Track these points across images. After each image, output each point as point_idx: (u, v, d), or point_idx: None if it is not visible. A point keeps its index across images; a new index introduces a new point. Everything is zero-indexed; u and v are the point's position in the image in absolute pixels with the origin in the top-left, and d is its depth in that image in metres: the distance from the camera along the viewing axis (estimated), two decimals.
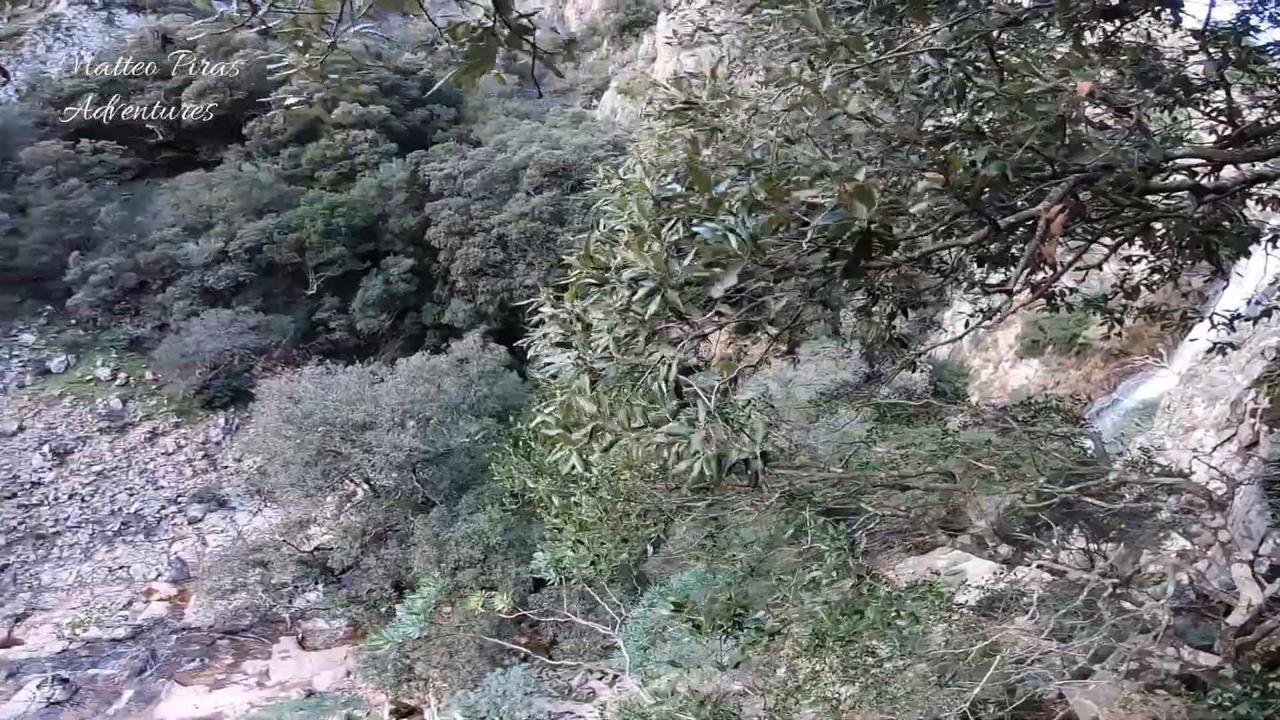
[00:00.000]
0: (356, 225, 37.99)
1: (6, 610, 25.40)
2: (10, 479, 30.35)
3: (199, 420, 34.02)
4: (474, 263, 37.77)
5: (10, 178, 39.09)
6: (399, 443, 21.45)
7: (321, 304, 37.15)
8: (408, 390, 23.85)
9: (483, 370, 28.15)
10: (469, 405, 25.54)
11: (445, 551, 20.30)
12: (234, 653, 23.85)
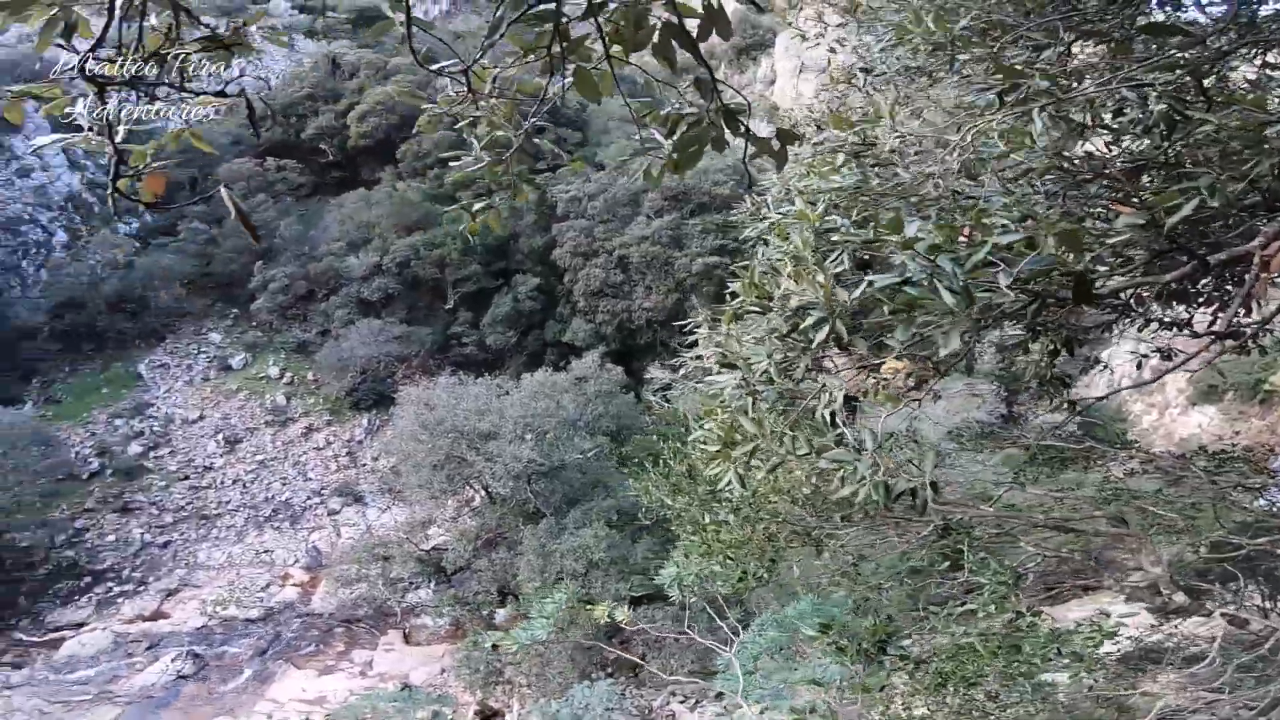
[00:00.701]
0: (490, 244, 39.63)
1: (162, 584, 27.93)
2: (186, 462, 33.86)
3: (347, 420, 36.55)
4: (595, 284, 38.43)
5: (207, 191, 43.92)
6: (518, 454, 22.01)
7: (457, 318, 38.96)
8: (530, 404, 24.41)
9: (600, 389, 28.49)
10: (585, 422, 25.84)
11: (550, 562, 20.53)
12: (346, 641, 24.81)
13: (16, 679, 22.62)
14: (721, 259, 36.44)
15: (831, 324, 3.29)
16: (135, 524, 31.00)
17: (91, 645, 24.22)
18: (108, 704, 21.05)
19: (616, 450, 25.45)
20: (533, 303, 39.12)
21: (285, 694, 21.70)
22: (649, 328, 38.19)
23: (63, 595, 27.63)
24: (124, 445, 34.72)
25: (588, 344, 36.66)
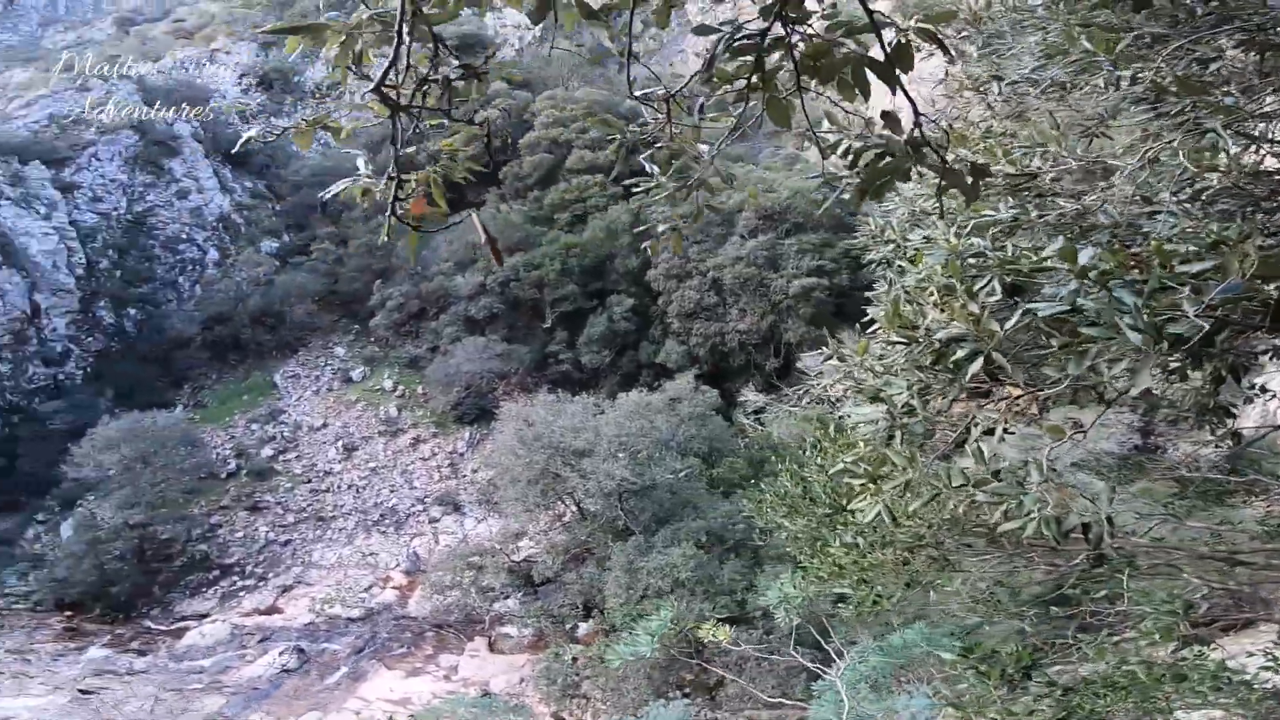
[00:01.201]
0: (587, 265, 40.07)
1: (280, 580, 29.65)
2: (309, 466, 36.00)
3: (450, 432, 37.76)
4: (689, 305, 38.01)
5: (337, 213, 46.95)
6: (611, 471, 22.06)
7: (554, 337, 39.56)
8: (624, 424, 24.46)
9: (693, 411, 28.20)
10: (677, 443, 25.66)
11: (636, 579, 20.36)
12: (435, 645, 25.24)
13: (140, 665, 24.46)
14: (819, 280, 35.21)
15: (986, 356, 3.19)
16: (262, 522, 33.19)
17: (211, 636, 25.90)
18: (216, 694, 22.31)
19: (707, 472, 25.18)
20: (627, 323, 39.17)
21: (374, 693, 22.25)
22: (742, 350, 37.36)
23: (192, 587, 29.81)
24: (258, 448, 37.36)
25: (680, 365, 36.25)
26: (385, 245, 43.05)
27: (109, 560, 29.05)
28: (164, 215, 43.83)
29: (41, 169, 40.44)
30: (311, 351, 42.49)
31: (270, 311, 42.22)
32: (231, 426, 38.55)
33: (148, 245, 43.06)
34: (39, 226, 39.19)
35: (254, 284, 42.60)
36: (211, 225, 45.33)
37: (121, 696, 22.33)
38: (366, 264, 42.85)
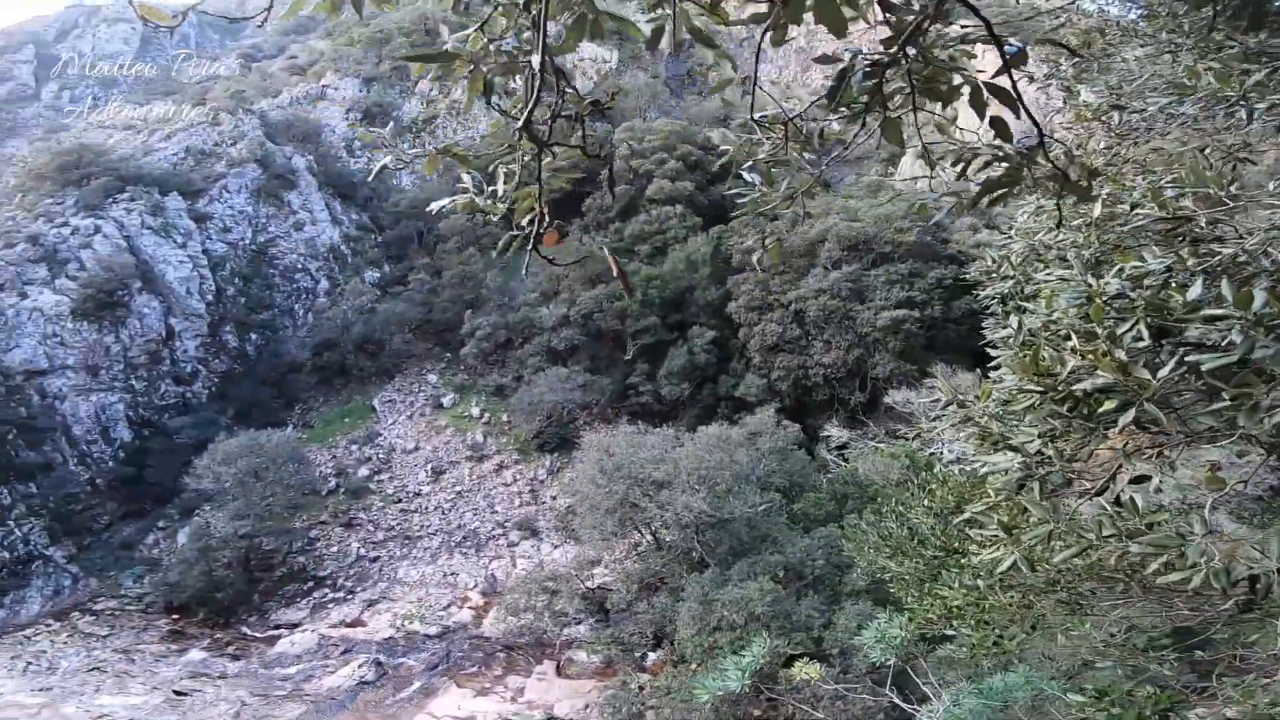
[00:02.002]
0: (668, 297, 39.66)
1: (366, 595, 30.13)
2: (401, 487, 36.78)
3: (532, 460, 37.82)
4: (770, 338, 36.90)
5: (432, 245, 48.63)
6: (690, 504, 21.78)
7: (635, 369, 39.18)
8: (704, 457, 24.11)
9: (774, 446, 27.46)
10: (757, 477, 25.07)
11: (710, 612, 19.88)
12: (505, 666, 25.03)
13: (232, 670, 25.15)
14: (909, 312, 33.45)
15: (1139, 408, 3.04)
16: (355, 538, 33.99)
17: (299, 645, 26.42)
18: (297, 701, 22.58)
19: (788, 506, 24.49)
20: (707, 356, 38.38)
21: (442, 709, 22.15)
22: (826, 384, 35.82)
23: (288, 597, 30.67)
24: (356, 468, 38.56)
25: (760, 399, 35.05)
26: (476, 277, 44.29)
27: (217, 567, 30.33)
28: (283, 245, 46.65)
29: (179, 200, 43.79)
30: (407, 378, 43.82)
31: (372, 339, 43.93)
32: (334, 447, 40.00)
33: (269, 274, 45.86)
34: (176, 255, 42.38)
35: (358, 312, 44.52)
36: (323, 255, 47.90)
37: (211, 699, 22.94)
38: (458, 295, 44.05)
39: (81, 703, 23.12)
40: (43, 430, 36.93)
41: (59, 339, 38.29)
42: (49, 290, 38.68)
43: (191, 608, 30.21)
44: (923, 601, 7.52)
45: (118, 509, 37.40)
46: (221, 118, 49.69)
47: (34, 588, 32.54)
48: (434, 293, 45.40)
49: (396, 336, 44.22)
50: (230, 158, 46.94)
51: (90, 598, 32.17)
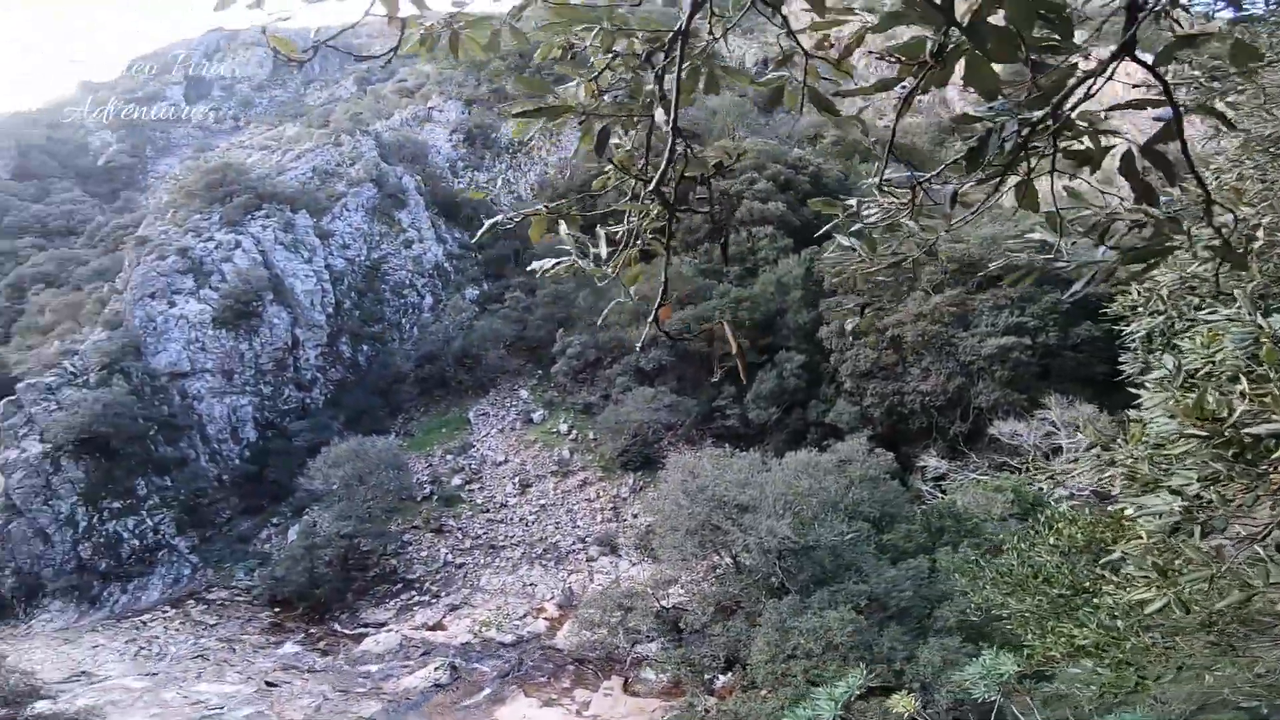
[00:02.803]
0: (757, 319, 38.42)
1: (449, 599, 30.35)
2: (489, 498, 37.16)
3: (615, 478, 37.34)
4: (864, 364, 34.91)
5: (527, 263, 49.67)
6: (774, 529, 21.15)
7: (722, 392, 38.12)
8: (792, 482, 23.44)
9: (865, 474, 26.23)
10: (845, 505, 23.99)
11: (786, 639, 19.05)
12: (573, 679, 24.61)
13: (320, 664, 25.78)
14: (1019, 339, 30.72)
15: None
16: (443, 545, 34.51)
17: (383, 645, 26.86)
18: (374, 699, 22.79)
19: (876, 536, 23.31)
20: (797, 380, 36.77)
21: (508, 717, 22.02)
22: (924, 412, 33.39)
23: (377, 597, 31.38)
24: (449, 477, 39.38)
25: (851, 426, 33.12)
26: (568, 297, 44.68)
27: (319, 565, 31.48)
28: (394, 262, 49.00)
29: (306, 217, 46.83)
30: (501, 392, 44.61)
31: (470, 354, 45.13)
32: (431, 455, 41.07)
33: (380, 289, 48.23)
34: (303, 269, 45.28)
35: (458, 328, 45.92)
36: (429, 273, 49.96)
37: (297, 692, 23.54)
38: (551, 313, 44.58)
39: (181, 689, 24.28)
40: (181, 428, 39.89)
41: (200, 344, 41.39)
42: (194, 300, 41.99)
43: (292, 602, 31.44)
44: (1044, 639, 7.33)
45: (239, 504, 39.71)
46: (342, 139, 53.13)
47: (157, 575, 34.88)
48: (528, 311, 46.18)
49: (492, 352, 45.19)
50: (350, 177, 49.89)
51: (206, 587, 34.14)
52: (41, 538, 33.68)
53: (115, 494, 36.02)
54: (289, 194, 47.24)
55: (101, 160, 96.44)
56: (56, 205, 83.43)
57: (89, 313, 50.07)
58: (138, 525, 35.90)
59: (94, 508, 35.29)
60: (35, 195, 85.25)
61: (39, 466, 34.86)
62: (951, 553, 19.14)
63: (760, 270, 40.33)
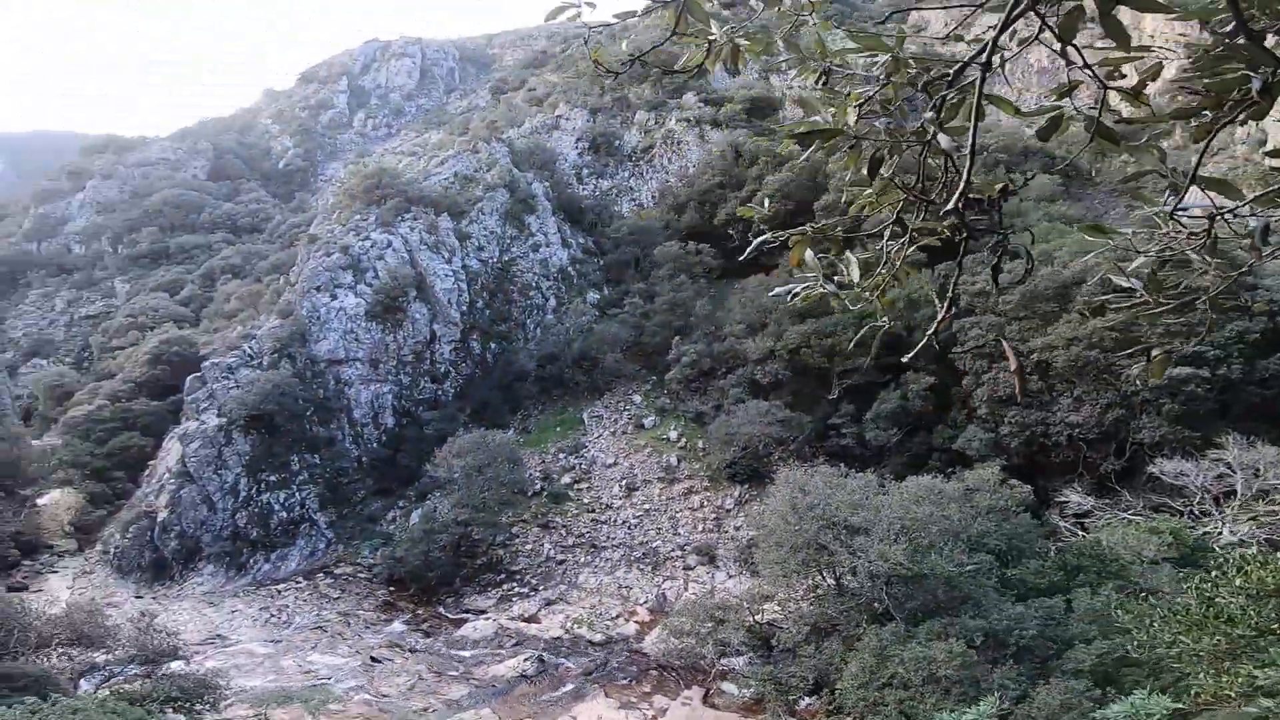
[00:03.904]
0: (883, 337, 36.04)
1: (546, 594, 30.72)
2: (595, 498, 37.52)
3: (721, 488, 36.44)
4: (1003, 389, 31.74)
5: (647, 270, 49.93)
6: (886, 554, 20.37)
7: (839, 409, 36.16)
8: (910, 508, 22.46)
9: (993, 505, 24.50)
10: (968, 536, 22.54)
11: (884, 667, 18.29)
12: (654, 684, 24.13)
13: (420, 645, 26.89)
14: (1195, 370, 26.72)
15: None
16: (548, 540, 35.23)
17: (480, 632, 27.63)
18: (463, 683, 23.39)
19: (1001, 571, 21.91)
20: (923, 403, 34.16)
21: (585, 716, 21.92)
22: (1070, 445, 29.83)
23: (481, 585, 32.42)
24: (560, 475, 40.26)
25: (982, 454, 30.23)
26: (686, 304, 44.39)
27: (434, 549, 33.11)
28: (522, 265, 51.08)
29: (448, 220, 49.94)
30: (614, 396, 45.07)
31: (588, 356, 46.00)
32: (545, 452, 42.21)
33: (509, 290, 50.42)
34: (444, 269, 48.33)
35: (578, 330, 46.99)
36: (554, 275, 51.61)
37: (397, 669, 24.68)
38: (668, 320, 44.47)
39: (298, 658, 26.19)
40: (332, 410, 43.55)
41: (354, 335, 45.05)
42: (352, 294, 45.86)
43: (406, 582, 33.23)
44: (1220, 678, 7.58)
45: (372, 485, 42.64)
46: (479, 146, 56.31)
47: (297, 547, 37.96)
48: (646, 316, 46.38)
49: (609, 355, 45.76)
50: (486, 182, 52.69)
51: (335, 561, 36.86)
52: (207, 504, 37.38)
53: (273, 468, 39.56)
54: (433, 197, 50.62)
55: (281, 163, 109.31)
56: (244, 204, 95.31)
57: (266, 302, 56.20)
58: (287, 498, 39.24)
59: (254, 479, 38.93)
60: (227, 195, 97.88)
61: (214, 438, 39.02)
62: (1090, 593, 18.02)
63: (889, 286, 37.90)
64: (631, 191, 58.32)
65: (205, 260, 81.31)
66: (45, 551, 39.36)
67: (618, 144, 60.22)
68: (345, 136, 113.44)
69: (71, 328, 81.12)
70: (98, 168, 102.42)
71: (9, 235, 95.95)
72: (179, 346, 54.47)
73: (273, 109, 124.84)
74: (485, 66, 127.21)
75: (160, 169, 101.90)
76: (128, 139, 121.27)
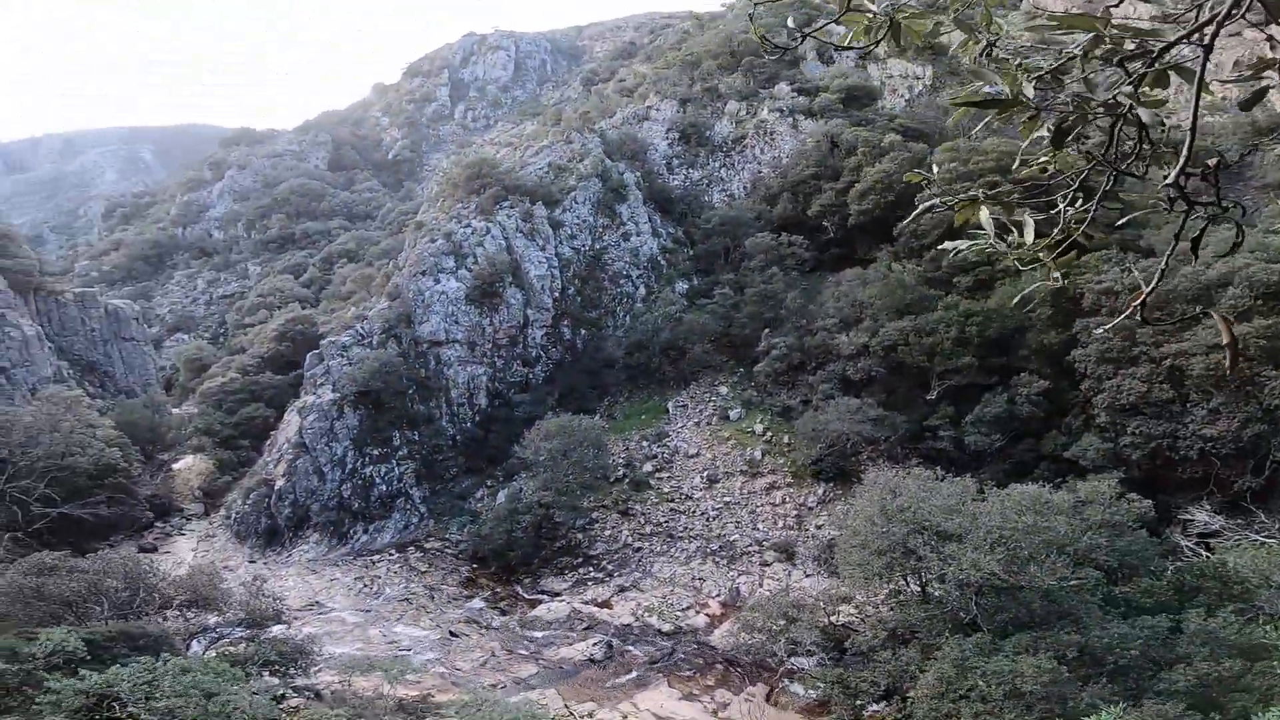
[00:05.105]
0: (989, 337, 33.86)
1: (620, 580, 31.03)
2: (676, 488, 37.60)
3: (805, 486, 35.58)
4: (1128, 397, 29.20)
5: (737, 261, 49.26)
6: (980, 563, 19.52)
7: (936, 410, 34.29)
8: (1011, 517, 21.35)
9: (1106, 519, 22.91)
10: (1074, 550, 21.28)
11: (963, 678, 17.59)
12: (718, 678, 23.91)
13: (496, 622, 27.91)
14: None
15: None
16: (626, 527, 35.72)
17: (553, 613, 28.38)
18: (533, 663, 24.12)
19: (1108, 587, 21.00)
20: (1033, 408, 31.87)
21: (646, 703, 22.06)
22: (1201, 460, 27.06)
23: (558, 567, 33.26)
24: (642, 463, 40.63)
25: (1098, 465, 27.93)
26: (777, 296, 43.44)
27: (517, 529, 34.28)
28: (613, 253, 51.72)
29: (542, 208, 51.23)
30: (700, 387, 44.92)
31: (675, 346, 46.03)
32: (628, 439, 42.69)
33: (600, 278, 51.21)
34: (538, 256, 49.74)
35: (667, 319, 47.04)
36: (644, 264, 51.90)
37: (472, 645, 25.78)
38: (758, 312, 43.73)
39: (383, 628, 27.85)
40: (432, 389, 45.85)
41: (454, 318, 47.11)
42: (453, 278, 47.92)
43: (488, 560, 34.56)
44: None
45: (463, 464, 44.57)
46: (572, 136, 57.29)
47: (392, 520, 40.24)
48: (735, 308, 45.83)
49: (697, 346, 45.60)
50: (578, 172, 53.63)
51: (425, 536, 38.85)
52: (318, 474, 40.29)
53: (376, 442, 42.13)
54: (529, 187, 52.08)
55: (390, 154, 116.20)
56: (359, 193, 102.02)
57: (377, 285, 59.92)
58: (387, 472, 41.71)
59: (359, 452, 41.60)
60: (344, 184, 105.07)
61: (327, 412, 42.06)
62: (1204, 614, 17.13)
63: (999, 283, 35.55)
64: (722, 182, 57.63)
65: (325, 245, 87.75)
66: (176, 514, 43.80)
67: (708, 134, 59.57)
68: (447, 128, 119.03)
69: (211, 306, 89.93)
70: (234, 159, 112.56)
71: (158, 221, 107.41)
72: (301, 325, 59.07)
73: (382, 102, 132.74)
74: (575, 58, 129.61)
75: (287, 160, 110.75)
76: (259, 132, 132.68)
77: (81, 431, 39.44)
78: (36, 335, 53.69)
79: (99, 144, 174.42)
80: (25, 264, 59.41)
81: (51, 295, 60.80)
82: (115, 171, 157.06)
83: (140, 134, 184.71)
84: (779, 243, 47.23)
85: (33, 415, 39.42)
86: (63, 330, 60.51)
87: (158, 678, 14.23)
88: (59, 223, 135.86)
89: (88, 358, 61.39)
